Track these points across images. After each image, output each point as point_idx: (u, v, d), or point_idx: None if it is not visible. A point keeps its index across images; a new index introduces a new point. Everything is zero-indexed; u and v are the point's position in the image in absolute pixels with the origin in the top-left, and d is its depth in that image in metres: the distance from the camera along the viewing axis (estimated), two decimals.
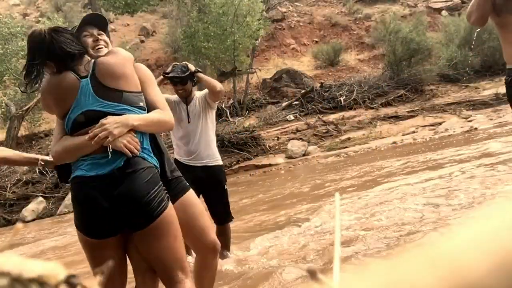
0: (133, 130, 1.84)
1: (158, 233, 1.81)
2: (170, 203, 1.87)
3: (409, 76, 13.69)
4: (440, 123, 11.15)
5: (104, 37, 2.05)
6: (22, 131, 13.89)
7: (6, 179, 10.22)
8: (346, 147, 10.82)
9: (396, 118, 12.31)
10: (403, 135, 10.91)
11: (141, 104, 1.91)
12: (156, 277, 1.97)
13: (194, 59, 14.41)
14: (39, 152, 13.53)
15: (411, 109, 12.62)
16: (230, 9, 13.21)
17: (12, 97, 13.85)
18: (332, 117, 12.68)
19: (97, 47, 1.98)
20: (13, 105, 13.17)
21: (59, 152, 1.87)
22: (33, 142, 14.26)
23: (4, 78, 14.72)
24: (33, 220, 9.14)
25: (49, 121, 15.71)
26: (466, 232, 0.28)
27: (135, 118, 1.84)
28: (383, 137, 11.10)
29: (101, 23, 2.07)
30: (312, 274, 0.31)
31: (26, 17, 22.92)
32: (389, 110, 12.79)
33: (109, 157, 1.78)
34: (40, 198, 9.68)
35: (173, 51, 18.14)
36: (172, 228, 1.85)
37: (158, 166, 1.91)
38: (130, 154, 1.78)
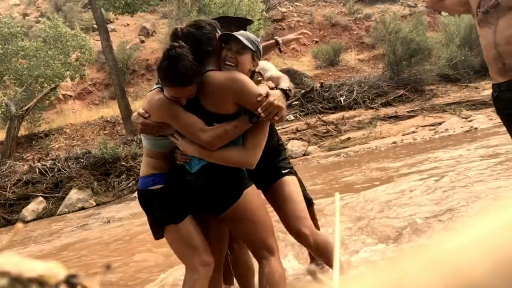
0: None
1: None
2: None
3: (409, 76, 13.70)
4: (440, 123, 11.15)
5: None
6: (22, 131, 13.90)
7: (6, 179, 10.21)
8: (346, 147, 10.82)
9: (396, 118, 12.31)
10: (403, 135, 10.91)
11: None
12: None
13: None
14: (39, 152, 13.54)
15: (411, 109, 12.62)
16: (230, 9, 13.23)
17: (12, 97, 13.86)
18: (332, 117, 12.68)
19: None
20: (13, 105, 13.18)
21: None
22: (33, 142, 14.26)
23: (4, 78, 14.74)
24: (33, 220, 9.14)
25: (49, 121, 15.73)
26: (467, 231, 0.28)
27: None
28: (383, 137, 11.10)
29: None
30: (312, 274, 0.31)
31: (26, 17, 22.92)
32: (389, 110, 12.80)
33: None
34: (40, 198, 9.68)
35: None
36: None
37: None
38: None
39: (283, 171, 2.35)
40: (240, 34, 2.13)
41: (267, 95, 2.02)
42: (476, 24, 2.69)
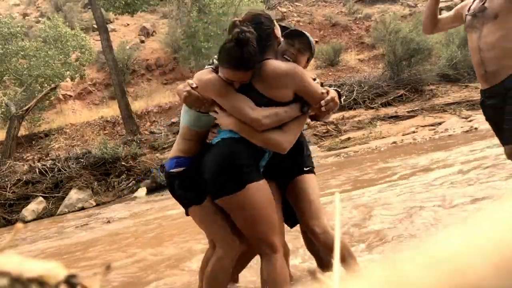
0: None
1: (236, 208, 2.13)
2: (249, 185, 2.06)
3: (409, 76, 13.69)
4: (440, 123, 11.15)
5: None
6: (22, 131, 13.89)
7: (6, 179, 10.21)
8: (346, 147, 10.82)
9: (396, 118, 12.30)
10: (403, 135, 10.91)
11: None
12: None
13: (194, 59, 14.42)
14: (39, 152, 13.54)
15: (411, 109, 12.62)
16: (230, 9, 13.23)
17: (12, 97, 13.86)
18: (332, 117, 12.66)
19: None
20: (13, 105, 13.17)
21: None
22: (33, 142, 14.26)
23: (4, 78, 14.73)
24: (33, 220, 9.14)
25: (49, 121, 15.72)
26: (466, 232, 0.28)
27: None
28: (383, 137, 11.10)
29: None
30: (312, 274, 0.31)
31: (26, 17, 22.92)
32: (389, 110, 12.79)
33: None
34: (40, 198, 9.68)
35: (173, 51, 18.14)
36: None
37: None
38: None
39: (304, 168, 2.38)
40: (309, 35, 2.22)
41: (327, 92, 2.13)
42: (464, 28, 2.76)
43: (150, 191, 9.61)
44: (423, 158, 6.95)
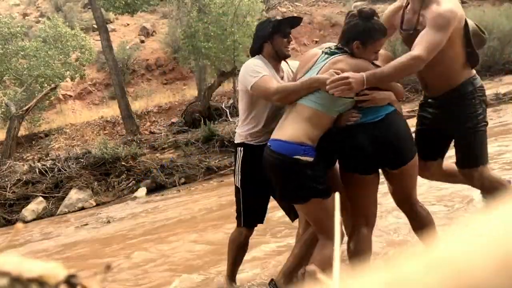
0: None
1: (408, 174, 2.40)
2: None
3: (409, 76, 13.67)
4: None
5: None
6: (22, 131, 13.88)
7: (6, 179, 10.21)
8: None
9: None
10: None
11: None
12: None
13: (194, 59, 14.42)
14: (39, 152, 13.55)
15: (411, 109, 12.59)
16: (230, 9, 13.21)
17: (12, 97, 13.85)
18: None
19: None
20: (13, 105, 13.17)
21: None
22: (33, 142, 14.26)
23: (4, 78, 14.73)
24: (33, 220, 9.13)
25: (49, 121, 15.72)
26: (467, 233, 0.28)
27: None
28: None
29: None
30: (312, 274, 0.31)
31: (26, 17, 22.92)
32: None
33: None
34: (40, 198, 9.67)
35: (173, 51, 18.13)
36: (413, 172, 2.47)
37: None
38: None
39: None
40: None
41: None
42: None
43: (150, 191, 9.60)
44: None
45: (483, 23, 14.12)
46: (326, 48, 2.43)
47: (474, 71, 2.66)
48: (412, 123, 2.79)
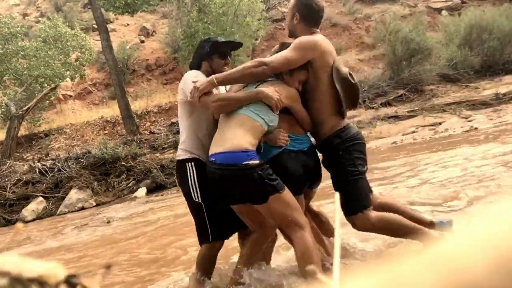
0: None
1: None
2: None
3: (409, 76, 13.68)
4: (440, 123, 11.14)
5: None
6: (22, 131, 13.88)
7: (6, 179, 10.21)
8: None
9: (396, 118, 12.29)
10: (403, 135, 10.90)
11: None
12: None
13: None
14: (39, 152, 13.54)
15: (411, 109, 12.61)
16: (230, 9, 13.22)
17: (12, 97, 13.85)
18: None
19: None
20: (13, 105, 13.17)
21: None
22: (33, 142, 14.26)
23: (4, 78, 14.73)
24: (33, 220, 9.13)
25: (49, 121, 15.72)
26: (466, 232, 0.28)
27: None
28: (383, 137, 11.09)
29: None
30: (312, 274, 0.31)
31: (26, 17, 22.92)
32: (389, 110, 12.79)
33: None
34: (40, 198, 9.67)
35: (173, 51, 18.13)
36: None
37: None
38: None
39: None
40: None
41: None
42: None
43: (150, 191, 9.60)
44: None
45: (483, 23, 14.15)
46: None
47: (345, 122, 2.71)
48: (411, 123, 2.78)
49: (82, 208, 9.39)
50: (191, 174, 2.67)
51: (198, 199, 2.68)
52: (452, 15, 17.90)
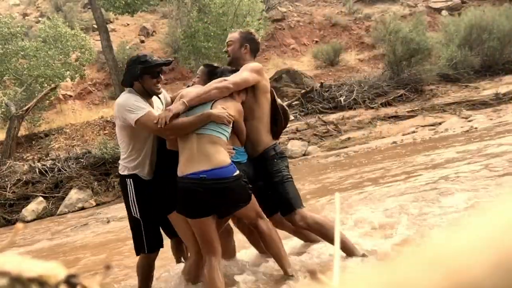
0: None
1: None
2: None
3: (409, 76, 13.67)
4: (440, 123, 11.14)
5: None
6: (22, 131, 13.87)
7: (6, 179, 10.21)
8: (346, 147, 10.82)
9: (396, 118, 12.29)
10: (403, 135, 10.91)
11: None
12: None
13: (194, 59, 14.42)
14: (39, 152, 13.54)
15: (411, 109, 12.61)
16: (230, 9, 13.22)
17: (12, 97, 13.84)
18: (332, 117, 12.67)
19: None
20: (13, 105, 13.16)
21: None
22: (33, 142, 14.25)
23: (4, 78, 14.72)
24: (33, 220, 9.13)
25: (49, 121, 15.71)
26: (465, 232, 0.28)
27: None
28: (383, 137, 11.09)
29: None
30: (312, 274, 0.31)
31: (26, 17, 22.91)
32: (389, 110, 12.78)
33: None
34: (40, 198, 9.67)
35: (173, 51, 18.12)
36: None
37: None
38: None
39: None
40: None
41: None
42: None
43: None
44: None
45: (483, 23, 14.15)
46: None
47: (275, 141, 3.18)
48: (411, 123, 2.78)
49: (82, 208, 9.39)
50: (131, 191, 2.92)
51: (137, 215, 2.95)
52: (452, 15, 17.90)
